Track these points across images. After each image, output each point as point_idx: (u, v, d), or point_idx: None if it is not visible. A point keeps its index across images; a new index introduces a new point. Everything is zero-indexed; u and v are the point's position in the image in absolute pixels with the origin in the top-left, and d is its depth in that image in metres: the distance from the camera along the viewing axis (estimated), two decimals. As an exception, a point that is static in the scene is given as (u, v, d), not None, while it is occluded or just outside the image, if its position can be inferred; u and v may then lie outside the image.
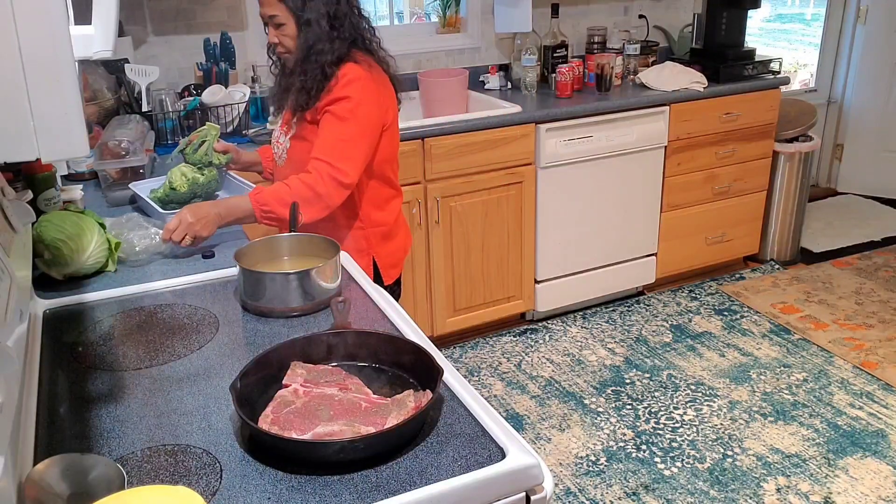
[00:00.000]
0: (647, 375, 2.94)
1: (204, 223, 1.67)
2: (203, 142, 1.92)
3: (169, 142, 2.59)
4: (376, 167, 1.92)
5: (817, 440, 2.55)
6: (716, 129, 3.40)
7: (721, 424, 2.64)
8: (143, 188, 1.98)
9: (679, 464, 2.45)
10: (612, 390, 2.85)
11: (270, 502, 0.94)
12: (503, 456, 1.00)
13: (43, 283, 1.56)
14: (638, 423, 2.65)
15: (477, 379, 2.95)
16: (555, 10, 3.38)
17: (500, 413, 1.82)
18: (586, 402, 2.79)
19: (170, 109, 2.59)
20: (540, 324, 3.34)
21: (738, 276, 3.74)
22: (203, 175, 1.89)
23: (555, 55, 3.36)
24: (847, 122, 4.64)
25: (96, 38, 1.11)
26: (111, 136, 2.12)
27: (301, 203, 1.73)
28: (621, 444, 2.55)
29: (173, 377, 1.22)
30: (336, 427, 1.04)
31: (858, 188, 4.72)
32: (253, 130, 2.68)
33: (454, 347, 3.17)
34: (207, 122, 2.04)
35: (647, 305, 3.48)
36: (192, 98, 2.67)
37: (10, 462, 0.89)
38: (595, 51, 3.46)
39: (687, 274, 3.67)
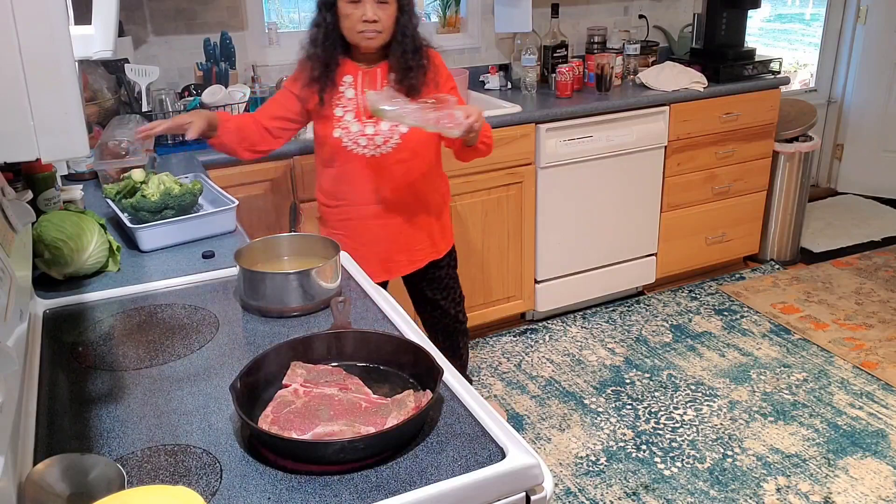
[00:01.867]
0: (647, 375, 2.94)
1: (482, 122, 1.90)
2: (134, 188, 1.82)
3: (169, 142, 2.59)
4: None
5: (817, 440, 2.55)
6: (716, 129, 3.40)
7: (721, 424, 2.64)
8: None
9: (679, 464, 2.45)
10: (612, 390, 2.85)
11: (270, 502, 0.94)
12: (503, 456, 1.00)
13: (43, 283, 1.56)
14: (638, 423, 2.65)
15: (477, 379, 2.95)
16: (555, 10, 3.38)
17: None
18: (586, 402, 2.79)
19: (170, 109, 2.59)
20: (540, 324, 3.34)
21: (738, 276, 3.74)
22: (179, 186, 1.81)
23: (555, 55, 3.36)
24: (847, 122, 4.64)
25: (96, 38, 1.11)
26: (111, 136, 2.12)
27: (488, 151, 2.07)
28: (621, 444, 2.55)
29: (173, 377, 1.22)
30: (336, 427, 1.04)
31: (858, 188, 4.72)
32: (253, 130, 2.68)
33: (454, 347, 3.17)
34: (132, 172, 1.88)
35: (647, 305, 3.48)
36: (192, 98, 2.67)
37: (10, 462, 0.89)
38: (595, 51, 3.46)
39: (687, 274, 3.67)
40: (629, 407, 2.75)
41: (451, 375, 1.17)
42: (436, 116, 1.83)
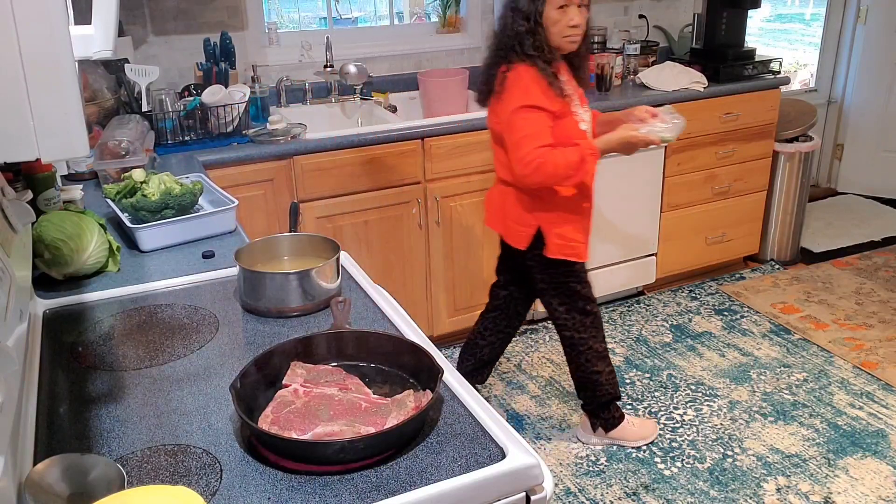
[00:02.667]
0: (647, 375, 2.94)
1: None
2: (134, 188, 1.83)
3: (169, 142, 2.59)
4: None
5: (817, 440, 2.55)
6: (716, 129, 3.40)
7: (721, 424, 2.64)
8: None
9: (679, 464, 2.45)
10: (612, 390, 2.85)
11: (270, 502, 0.94)
12: (503, 456, 1.00)
13: (43, 283, 1.56)
14: (638, 423, 2.65)
15: (477, 379, 2.95)
16: (555, 10, 3.37)
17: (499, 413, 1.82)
18: (586, 402, 2.78)
19: (170, 109, 2.59)
20: (540, 324, 3.34)
21: (738, 276, 3.74)
22: (180, 186, 1.82)
23: (555, 55, 3.36)
24: (847, 122, 4.64)
25: (96, 38, 1.11)
26: (111, 136, 2.12)
27: None
28: (621, 444, 2.55)
29: (173, 377, 1.22)
30: (336, 427, 1.04)
31: (858, 188, 4.72)
32: (253, 130, 2.68)
33: (454, 347, 3.16)
34: (132, 172, 1.90)
35: (647, 305, 3.48)
36: (192, 98, 2.67)
37: (10, 462, 0.89)
38: (595, 51, 3.45)
39: (687, 274, 3.67)
40: (629, 407, 2.75)
41: (451, 375, 1.17)
42: (680, 125, 2.13)
